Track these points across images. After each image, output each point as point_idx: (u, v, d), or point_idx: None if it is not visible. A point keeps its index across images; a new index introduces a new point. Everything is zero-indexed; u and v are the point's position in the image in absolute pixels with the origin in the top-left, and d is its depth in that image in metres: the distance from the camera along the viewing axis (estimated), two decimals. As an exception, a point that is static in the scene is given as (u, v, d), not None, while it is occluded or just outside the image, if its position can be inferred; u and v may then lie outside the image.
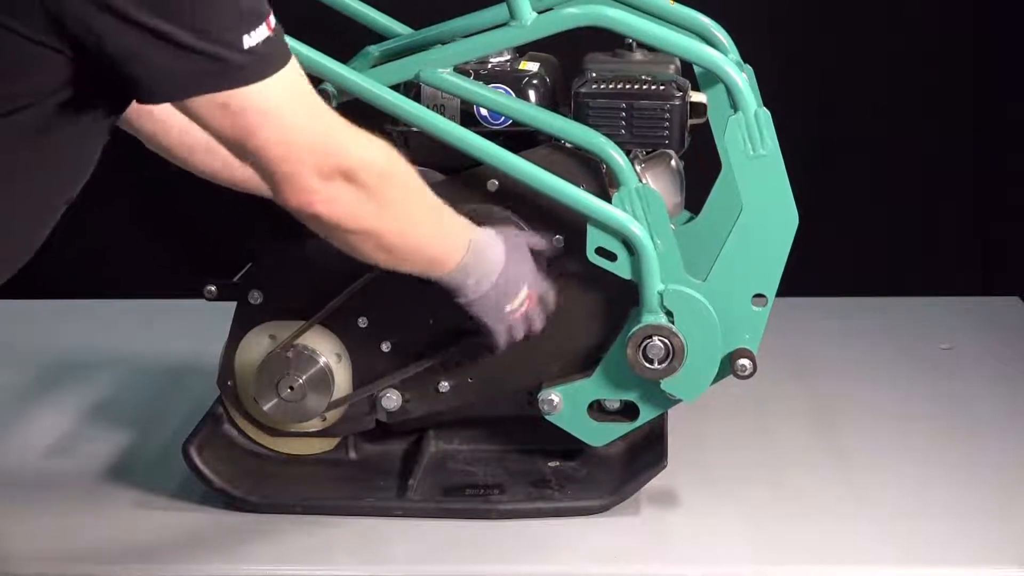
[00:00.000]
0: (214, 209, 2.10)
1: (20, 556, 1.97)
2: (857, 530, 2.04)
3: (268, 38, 1.58)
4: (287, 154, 1.64)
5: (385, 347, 2.09)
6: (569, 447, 2.15)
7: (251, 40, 1.56)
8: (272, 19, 1.60)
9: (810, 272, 2.21)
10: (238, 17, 1.56)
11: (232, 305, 2.12)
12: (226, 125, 1.61)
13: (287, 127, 1.63)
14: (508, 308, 1.96)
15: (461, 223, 1.90)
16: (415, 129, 2.02)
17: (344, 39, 2.15)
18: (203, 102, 1.58)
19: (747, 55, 2.11)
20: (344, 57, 2.04)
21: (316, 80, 2.01)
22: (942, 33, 3.03)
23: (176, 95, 1.58)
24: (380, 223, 1.76)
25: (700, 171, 2.18)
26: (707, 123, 2.11)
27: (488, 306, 1.94)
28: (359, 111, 2.03)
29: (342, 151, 1.68)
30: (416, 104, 2.00)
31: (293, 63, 1.63)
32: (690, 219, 2.23)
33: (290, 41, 1.94)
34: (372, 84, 1.99)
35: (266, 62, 1.59)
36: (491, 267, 1.92)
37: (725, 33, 2.11)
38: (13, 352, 2.65)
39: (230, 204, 2.13)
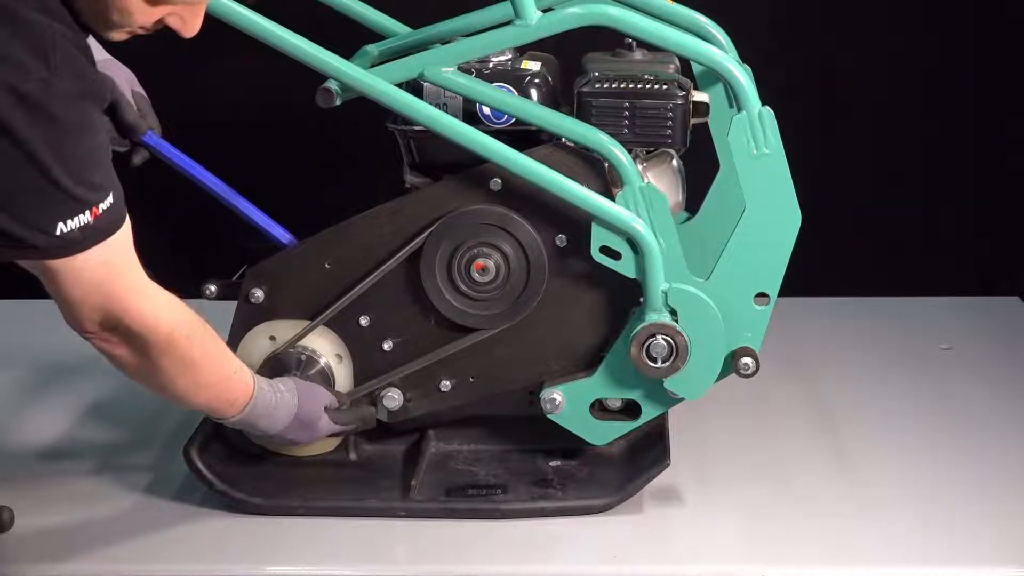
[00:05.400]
0: (214, 208, 2.10)
1: (20, 556, 1.96)
2: (857, 530, 2.04)
3: (86, 224, 1.69)
4: (76, 303, 1.76)
5: (387, 346, 2.09)
6: (569, 446, 2.15)
7: (66, 227, 1.68)
8: (103, 204, 1.70)
9: (810, 272, 2.21)
10: (61, 204, 1.67)
11: (231, 305, 2.11)
12: (26, 263, 1.74)
13: (80, 287, 1.74)
14: (309, 438, 2.05)
15: (243, 382, 1.95)
16: (417, 128, 2.02)
17: (342, 38, 2.14)
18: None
19: (746, 55, 2.11)
20: (342, 56, 2.03)
21: (321, 78, 2.01)
22: (942, 33, 3.03)
23: None
24: (148, 380, 1.87)
25: (698, 171, 2.18)
26: (704, 122, 2.11)
27: (285, 440, 2.04)
28: (364, 110, 2.05)
29: (128, 315, 1.78)
30: (423, 102, 2.00)
31: (113, 237, 1.72)
32: (688, 218, 2.23)
33: (297, 39, 1.95)
34: (380, 83, 1.98)
35: (74, 246, 1.70)
36: (280, 417, 1.99)
37: (724, 33, 2.11)
38: (13, 352, 2.65)
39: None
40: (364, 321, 2.08)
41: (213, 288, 2.12)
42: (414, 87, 2.03)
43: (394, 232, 2.06)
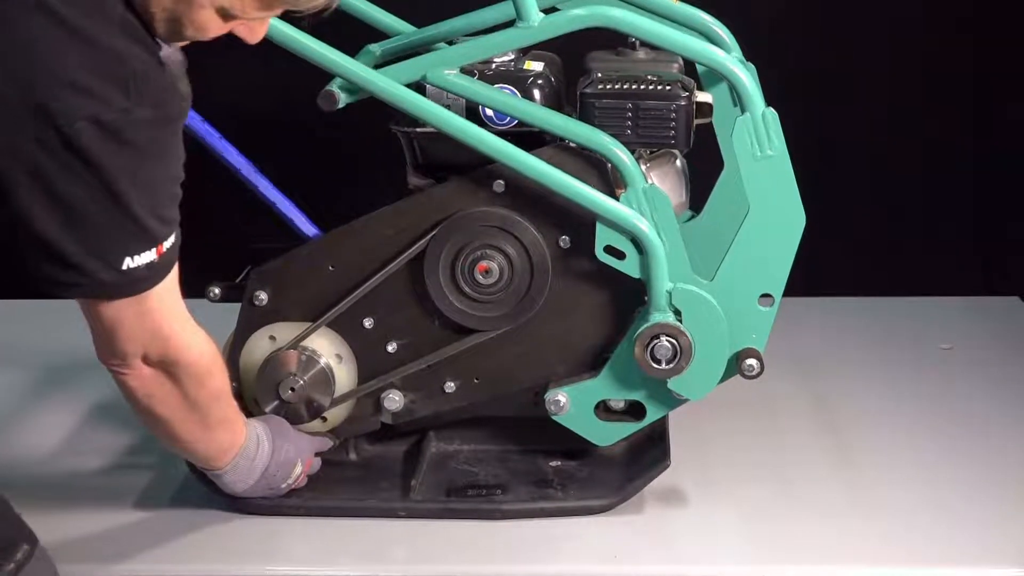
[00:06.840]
0: (217, 209, 2.10)
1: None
2: (857, 530, 2.04)
3: (151, 262, 1.69)
4: (122, 336, 1.75)
5: (391, 348, 2.09)
6: (569, 446, 2.15)
7: (133, 262, 1.67)
8: (167, 243, 1.70)
9: (810, 272, 2.21)
10: (132, 237, 1.66)
11: (235, 307, 2.11)
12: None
13: (130, 320, 1.74)
14: (283, 486, 2.06)
15: (238, 430, 1.99)
16: (421, 129, 2.02)
17: (345, 37, 2.14)
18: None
19: (748, 54, 2.11)
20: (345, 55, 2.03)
21: (327, 78, 2.00)
22: (942, 33, 3.03)
23: (42, 290, 1.69)
24: (175, 414, 1.86)
25: (702, 169, 2.17)
26: (708, 123, 2.11)
27: (259, 491, 2.04)
28: (367, 111, 2.04)
29: (176, 348, 1.80)
30: (434, 104, 1.99)
31: (165, 280, 1.72)
32: (691, 218, 2.23)
33: (304, 38, 1.94)
34: (391, 83, 1.98)
35: (138, 285, 1.70)
36: (255, 468, 2.01)
37: (728, 31, 2.11)
38: (13, 352, 2.64)
39: (233, 204, 2.12)
40: (368, 323, 2.08)
41: (217, 290, 2.12)
42: (417, 88, 2.02)
43: (397, 234, 2.05)
